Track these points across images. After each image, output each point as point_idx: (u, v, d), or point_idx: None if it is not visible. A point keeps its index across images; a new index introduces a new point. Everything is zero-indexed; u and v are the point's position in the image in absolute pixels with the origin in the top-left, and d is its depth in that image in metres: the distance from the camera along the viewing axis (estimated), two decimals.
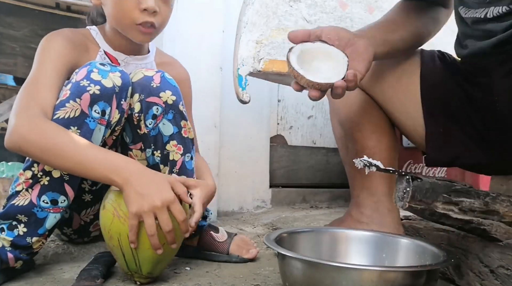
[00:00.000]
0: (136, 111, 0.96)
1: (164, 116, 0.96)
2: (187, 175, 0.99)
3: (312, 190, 2.11)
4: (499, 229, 0.72)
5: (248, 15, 1.40)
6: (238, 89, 1.41)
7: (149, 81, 0.96)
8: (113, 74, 0.90)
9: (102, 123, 0.89)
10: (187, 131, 1.00)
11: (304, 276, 0.63)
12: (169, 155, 0.98)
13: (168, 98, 0.96)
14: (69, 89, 0.87)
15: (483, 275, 0.74)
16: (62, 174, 0.86)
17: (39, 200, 0.85)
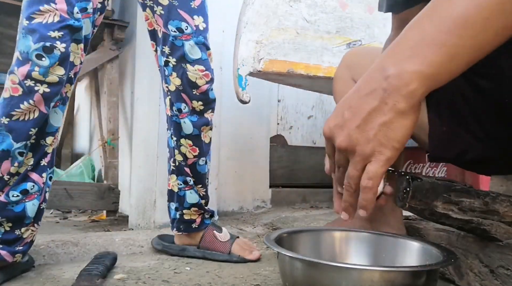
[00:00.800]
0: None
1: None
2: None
3: (312, 190, 2.11)
4: (499, 229, 0.72)
5: (248, 15, 1.40)
6: (238, 89, 1.41)
7: (194, 88, 1.01)
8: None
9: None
10: (206, 137, 1.07)
11: (304, 276, 0.63)
12: (181, 147, 1.04)
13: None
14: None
15: (483, 275, 0.74)
16: (27, 168, 0.86)
17: (8, 196, 0.85)
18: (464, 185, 0.80)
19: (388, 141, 0.48)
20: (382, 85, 0.47)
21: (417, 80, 0.46)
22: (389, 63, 0.48)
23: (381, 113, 0.47)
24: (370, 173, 0.49)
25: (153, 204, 1.51)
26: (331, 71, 1.50)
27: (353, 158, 0.50)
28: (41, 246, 1.07)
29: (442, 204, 0.75)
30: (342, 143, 0.50)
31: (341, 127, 0.50)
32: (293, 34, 1.46)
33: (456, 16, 0.45)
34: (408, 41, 0.47)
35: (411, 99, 0.46)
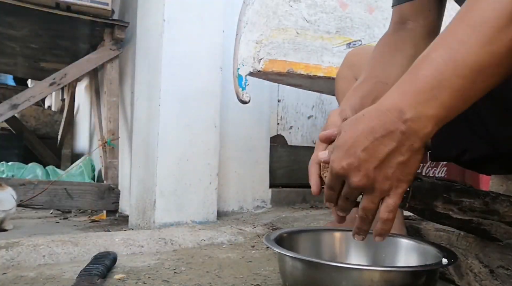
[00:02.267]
0: None
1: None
2: None
3: None
4: (499, 229, 0.72)
5: (248, 15, 1.40)
6: (238, 89, 1.41)
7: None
8: None
9: None
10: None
11: (304, 276, 0.63)
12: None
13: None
14: None
15: (483, 275, 0.74)
16: None
17: None
18: (464, 185, 0.80)
19: (405, 177, 0.52)
20: (400, 128, 0.50)
21: (433, 123, 0.49)
22: (407, 105, 0.50)
23: (399, 154, 0.50)
24: (390, 207, 0.53)
25: (153, 204, 1.51)
26: (331, 71, 1.50)
27: (370, 193, 0.53)
28: (41, 246, 1.06)
29: (442, 204, 0.75)
30: (359, 182, 0.52)
31: (357, 167, 0.52)
32: (293, 34, 1.46)
33: (471, 63, 0.47)
34: (424, 82, 0.49)
35: (425, 139, 0.50)
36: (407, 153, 0.50)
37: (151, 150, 1.56)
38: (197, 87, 1.61)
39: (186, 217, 1.56)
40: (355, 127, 0.53)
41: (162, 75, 1.54)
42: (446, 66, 0.48)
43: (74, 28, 2.04)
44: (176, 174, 1.55)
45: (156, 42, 1.59)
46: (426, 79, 0.49)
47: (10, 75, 4.05)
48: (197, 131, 1.60)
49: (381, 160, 0.51)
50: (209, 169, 1.62)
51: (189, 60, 1.59)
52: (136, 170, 1.67)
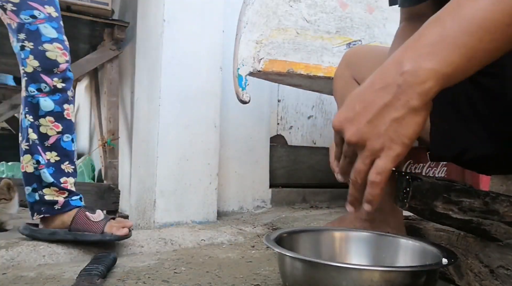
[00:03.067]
0: (24, 67, 1.03)
1: (49, 95, 1.04)
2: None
3: (312, 190, 2.11)
4: (499, 229, 0.72)
5: (248, 15, 1.40)
6: (238, 89, 1.41)
7: (54, 66, 1.04)
8: None
9: None
10: (69, 115, 1.09)
11: (304, 276, 0.63)
12: (40, 127, 1.05)
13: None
14: None
15: (483, 275, 0.74)
16: None
17: None
18: (464, 185, 0.80)
19: (398, 137, 0.47)
20: (397, 80, 0.47)
21: (432, 78, 0.45)
22: (406, 58, 0.47)
23: (393, 109, 0.47)
24: (378, 168, 0.49)
25: (153, 204, 1.51)
26: (331, 71, 1.50)
27: (362, 152, 0.50)
28: (41, 246, 1.06)
29: (442, 204, 0.75)
30: (352, 137, 0.49)
31: (351, 121, 0.49)
32: (293, 34, 1.46)
33: (479, 19, 0.45)
34: (427, 38, 0.47)
35: (424, 97, 0.46)
36: (402, 108, 0.47)
37: (151, 149, 1.56)
38: (197, 87, 1.61)
39: (186, 217, 1.56)
40: (361, 85, 0.52)
41: (162, 75, 1.54)
42: (452, 21, 0.46)
43: (74, 28, 2.04)
44: (176, 174, 1.55)
45: (156, 42, 1.59)
46: (430, 35, 0.47)
47: (10, 75, 4.05)
48: (197, 131, 1.60)
49: (375, 114, 0.48)
50: (209, 169, 1.62)
51: (189, 60, 1.59)
52: (136, 170, 1.67)
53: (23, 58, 1.05)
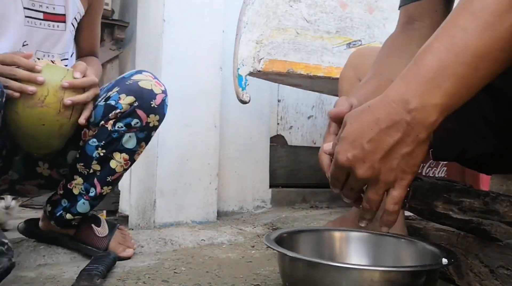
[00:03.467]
0: (120, 110, 0.96)
1: (136, 132, 0.98)
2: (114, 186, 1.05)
3: (312, 190, 2.11)
4: (499, 229, 0.72)
5: (248, 15, 1.40)
6: (238, 89, 1.41)
7: (151, 98, 0.98)
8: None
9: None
10: (139, 154, 1.04)
11: (304, 276, 0.63)
12: (111, 161, 0.99)
13: (153, 121, 1.00)
14: None
15: (483, 275, 0.74)
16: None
17: None
18: (464, 185, 0.80)
19: (410, 168, 0.51)
20: (405, 118, 0.49)
21: (438, 112, 0.48)
22: (411, 95, 0.49)
23: (404, 145, 0.50)
24: (395, 198, 0.52)
25: (153, 204, 1.51)
26: (331, 71, 1.50)
27: (375, 184, 0.53)
28: (41, 246, 1.06)
29: (442, 204, 0.75)
30: (365, 174, 0.52)
31: (362, 159, 0.52)
32: (293, 34, 1.46)
33: (473, 48, 0.47)
34: (427, 71, 0.49)
35: (430, 129, 0.49)
36: (412, 143, 0.49)
37: (151, 149, 1.56)
38: (197, 87, 1.61)
39: (186, 217, 1.56)
40: (360, 118, 0.53)
41: (162, 75, 1.54)
42: (448, 53, 0.48)
43: None
44: (176, 174, 1.55)
45: (156, 42, 1.59)
46: (429, 69, 0.49)
47: None
48: (197, 131, 1.60)
49: (387, 151, 0.50)
50: (209, 169, 1.62)
51: (189, 60, 1.59)
52: (136, 170, 1.67)
53: (87, 153, 0.99)
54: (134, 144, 0.99)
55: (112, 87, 1.01)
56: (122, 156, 0.99)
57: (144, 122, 0.98)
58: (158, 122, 1.01)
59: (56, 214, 1.04)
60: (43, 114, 0.88)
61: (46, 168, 1.05)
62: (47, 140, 0.93)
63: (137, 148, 1.01)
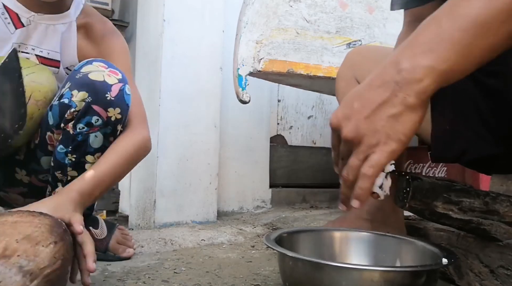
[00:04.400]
0: (74, 108, 0.86)
1: (100, 129, 0.89)
2: None
3: (312, 190, 2.11)
4: (499, 229, 0.72)
5: (248, 15, 1.40)
6: (238, 89, 1.41)
7: (106, 90, 0.86)
8: None
9: None
10: None
11: (304, 276, 0.63)
12: (85, 164, 0.91)
13: (114, 115, 0.88)
14: None
15: (483, 275, 0.74)
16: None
17: None
18: (464, 185, 0.80)
19: (394, 134, 0.48)
20: (394, 78, 0.47)
21: (429, 76, 0.46)
22: (404, 57, 0.48)
23: (391, 106, 0.47)
24: (372, 161, 0.48)
25: (153, 204, 1.51)
26: (331, 71, 1.50)
27: (357, 148, 0.49)
28: None
29: (442, 204, 0.75)
30: (348, 133, 0.49)
31: (349, 117, 0.50)
32: (293, 34, 1.46)
33: (474, 16, 0.45)
34: (424, 36, 0.48)
35: (422, 95, 0.47)
36: (400, 105, 0.47)
37: (151, 149, 1.56)
38: (197, 87, 1.61)
39: (186, 217, 1.56)
40: (360, 84, 0.52)
41: (162, 75, 1.54)
42: (448, 20, 0.47)
43: None
44: (176, 174, 1.55)
45: (156, 42, 1.59)
46: (426, 34, 0.48)
47: None
48: (197, 131, 1.60)
49: (373, 109, 0.48)
50: (209, 169, 1.62)
51: (189, 60, 1.59)
52: (136, 170, 1.66)
53: (59, 160, 0.92)
54: (102, 141, 0.90)
55: (65, 83, 0.91)
56: (96, 156, 0.91)
57: (105, 117, 0.87)
58: (120, 114, 0.88)
59: None
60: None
61: (24, 174, 1.01)
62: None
63: (107, 143, 0.91)
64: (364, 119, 0.48)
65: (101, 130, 0.89)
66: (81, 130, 0.88)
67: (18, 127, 0.83)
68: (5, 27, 0.93)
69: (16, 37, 0.94)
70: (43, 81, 0.91)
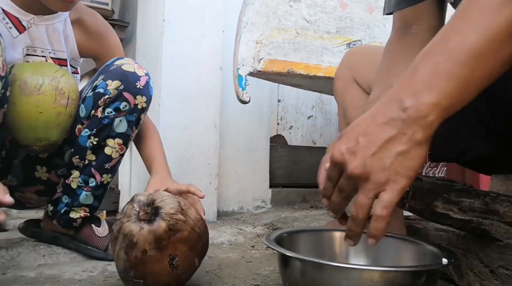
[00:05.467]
0: (108, 95, 0.97)
1: (126, 115, 0.98)
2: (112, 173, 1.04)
3: (312, 190, 2.11)
4: (499, 229, 0.72)
5: (248, 15, 1.40)
6: (238, 89, 1.41)
7: (136, 80, 0.98)
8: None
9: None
10: (132, 138, 1.04)
11: (304, 276, 0.63)
12: (105, 148, 0.99)
13: (141, 103, 0.99)
14: None
15: (483, 275, 0.74)
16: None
17: None
18: (464, 185, 0.80)
19: (404, 171, 0.48)
20: (400, 116, 0.48)
21: (434, 111, 0.47)
22: (406, 95, 0.48)
23: (399, 143, 0.48)
24: (385, 202, 0.48)
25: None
26: (331, 71, 1.50)
27: (365, 185, 0.49)
28: (41, 246, 1.06)
29: (442, 204, 0.75)
30: (355, 170, 0.49)
31: (354, 153, 0.49)
32: (293, 34, 1.46)
33: (468, 49, 0.46)
34: (422, 73, 0.48)
35: (428, 130, 0.48)
36: (407, 143, 0.47)
37: None
38: (197, 87, 1.61)
39: None
40: (359, 119, 0.52)
41: (162, 75, 1.54)
42: (443, 56, 0.47)
43: None
44: (176, 174, 1.55)
45: (156, 42, 1.59)
46: (424, 70, 0.48)
47: None
48: (197, 131, 1.60)
49: (380, 146, 0.48)
50: (209, 169, 1.62)
51: (189, 60, 1.59)
52: (136, 170, 1.66)
53: (80, 144, 1.00)
54: (125, 127, 0.99)
55: (97, 76, 1.01)
56: (116, 141, 0.99)
57: (132, 104, 0.98)
58: (145, 103, 1.00)
59: (60, 211, 1.03)
60: (40, 102, 0.90)
61: (45, 171, 1.04)
62: (45, 130, 0.93)
63: (129, 132, 1.00)
64: (371, 156, 0.48)
65: (126, 116, 0.98)
66: (109, 114, 0.97)
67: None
68: (8, 32, 0.95)
69: (22, 41, 0.97)
70: (72, 82, 0.98)
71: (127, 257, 0.70)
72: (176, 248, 0.71)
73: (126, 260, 0.70)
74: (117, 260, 0.73)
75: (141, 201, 0.73)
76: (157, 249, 0.69)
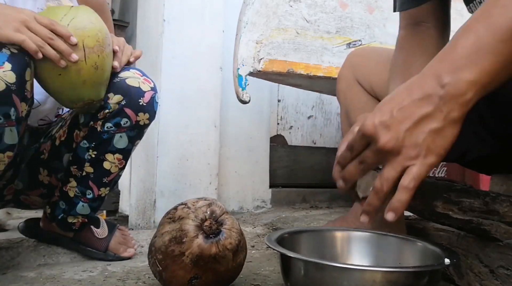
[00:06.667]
0: (109, 110, 0.93)
1: (127, 131, 0.95)
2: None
3: (312, 190, 2.11)
4: (499, 229, 0.72)
5: (248, 15, 1.40)
6: (238, 89, 1.41)
7: (139, 96, 0.94)
8: (2, 71, 0.75)
9: (10, 125, 0.79)
10: (133, 150, 1.01)
11: (305, 276, 0.63)
12: (104, 162, 0.96)
13: (143, 120, 0.95)
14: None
15: (483, 275, 0.74)
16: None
17: None
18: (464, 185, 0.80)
19: (436, 148, 0.48)
20: (438, 92, 0.47)
21: (473, 89, 0.46)
22: (445, 71, 0.47)
23: (434, 120, 0.47)
24: (414, 174, 0.48)
25: (153, 204, 1.51)
26: (331, 71, 1.50)
27: (394, 159, 0.48)
28: (41, 246, 1.06)
29: (442, 204, 0.75)
30: (388, 144, 0.48)
31: (388, 127, 0.48)
32: (293, 34, 1.46)
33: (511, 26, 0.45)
34: (463, 49, 0.47)
35: (464, 108, 0.47)
36: (443, 120, 0.47)
37: (151, 149, 1.56)
38: (197, 87, 1.61)
39: None
40: (395, 92, 0.51)
41: (162, 75, 1.54)
42: (486, 31, 0.46)
43: None
44: (176, 174, 1.55)
45: (156, 42, 1.59)
46: (465, 46, 0.47)
47: None
48: (197, 131, 1.60)
49: (415, 122, 0.47)
50: (209, 169, 1.62)
51: (189, 60, 1.59)
52: (136, 170, 1.66)
53: (79, 155, 0.97)
54: (126, 143, 0.96)
55: None
56: (116, 156, 0.96)
57: (134, 121, 0.94)
58: (148, 120, 0.97)
59: (58, 217, 1.04)
60: (53, 63, 0.79)
61: (46, 174, 1.04)
62: (73, 91, 0.84)
63: (130, 146, 0.98)
64: (405, 131, 0.48)
65: (127, 132, 0.95)
66: (108, 129, 0.94)
67: None
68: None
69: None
70: (86, 24, 0.83)
71: (167, 243, 0.71)
72: (205, 272, 0.72)
73: (164, 244, 0.72)
74: (158, 236, 0.74)
75: (214, 212, 0.74)
76: (193, 262, 0.70)
